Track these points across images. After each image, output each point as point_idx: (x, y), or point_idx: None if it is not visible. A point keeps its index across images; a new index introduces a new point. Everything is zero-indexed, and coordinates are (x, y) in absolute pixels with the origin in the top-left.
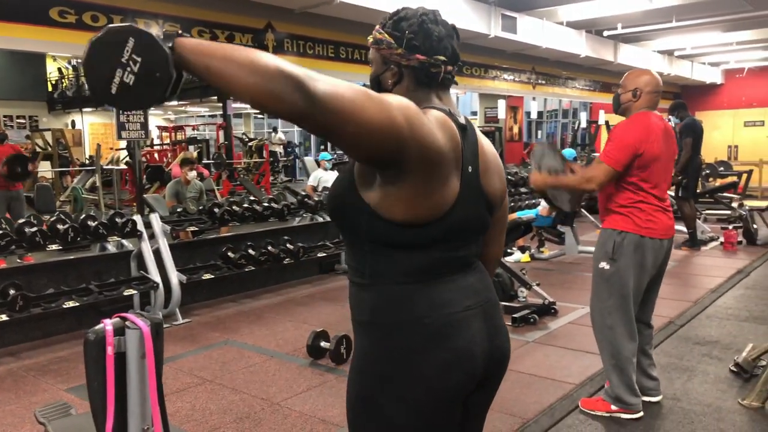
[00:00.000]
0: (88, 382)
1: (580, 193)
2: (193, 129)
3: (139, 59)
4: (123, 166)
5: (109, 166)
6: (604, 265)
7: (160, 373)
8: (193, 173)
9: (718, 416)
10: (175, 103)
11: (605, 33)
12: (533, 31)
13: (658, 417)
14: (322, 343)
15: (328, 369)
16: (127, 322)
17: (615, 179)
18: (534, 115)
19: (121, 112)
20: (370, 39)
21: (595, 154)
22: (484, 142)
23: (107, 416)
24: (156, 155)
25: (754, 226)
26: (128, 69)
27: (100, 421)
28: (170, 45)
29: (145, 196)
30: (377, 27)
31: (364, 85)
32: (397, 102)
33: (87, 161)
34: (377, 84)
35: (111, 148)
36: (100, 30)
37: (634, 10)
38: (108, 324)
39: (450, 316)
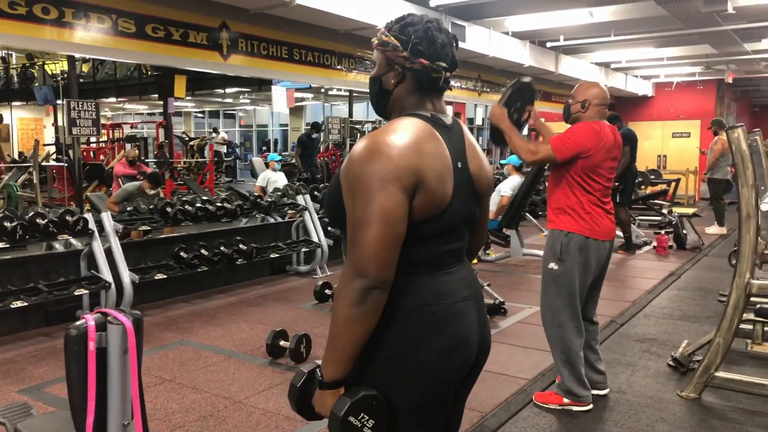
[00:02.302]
0: (68, 377)
1: (514, 148)
2: (132, 127)
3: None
4: (52, 163)
5: (44, 163)
6: (552, 265)
7: (140, 367)
8: (155, 191)
9: (659, 407)
10: (113, 99)
11: (548, 44)
12: (481, 40)
13: (606, 409)
14: (282, 342)
15: (289, 368)
16: (109, 318)
17: (552, 166)
18: (478, 122)
19: (72, 107)
20: (375, 41)
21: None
22: (472, 139)
23: (87, 411)
24: (92, 152)
25: (684, 231)
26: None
27: (79, 416)
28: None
29: (88, 194)
30: (382, 30)
31: (310, 87)
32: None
33: (18, 158)
34: (378, 84)
35: (43, 145)
36: None
37: (576, 23)
38: (90, 319)
39: (453, 305)
